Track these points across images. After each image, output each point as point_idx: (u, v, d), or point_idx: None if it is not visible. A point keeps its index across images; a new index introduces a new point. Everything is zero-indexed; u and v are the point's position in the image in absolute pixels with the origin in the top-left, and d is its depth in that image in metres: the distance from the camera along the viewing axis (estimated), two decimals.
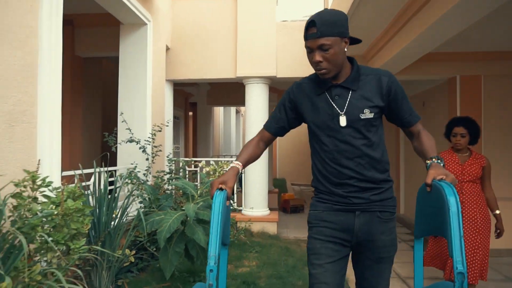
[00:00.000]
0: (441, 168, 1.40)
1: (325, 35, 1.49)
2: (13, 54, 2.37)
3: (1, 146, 2.25)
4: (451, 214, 1.20)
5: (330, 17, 1.51)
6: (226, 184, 1.50)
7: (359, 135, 1.59)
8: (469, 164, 2.95)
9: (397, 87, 1.60)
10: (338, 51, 1.52)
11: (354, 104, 1.58)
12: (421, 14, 3.46)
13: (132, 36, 4.59)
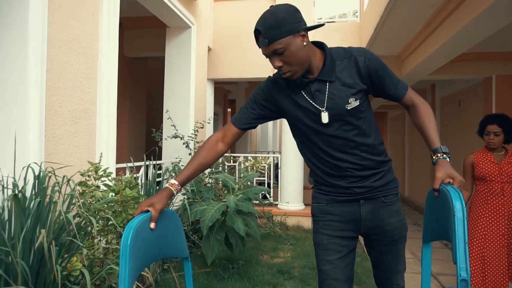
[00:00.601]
0: (448, 167, 1.33)
1: (274, 40, 1.36)
2: (78, 59, 2.69)
3: (67, 140, 2.58)
4: (456, 220, 1.18)
5: (273, 19, 1.37)
6: (154, 206, 1.37)
7: (349, 126, 1.49)
8: (506, 163, 2.80)
9: (376, 63, 1.48)
10: (295, 50, 1.39)
11: (336, 96, 1.47)
12: (455, 16, 3.49)
13: (178, 38, 4.89)
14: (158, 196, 1.39)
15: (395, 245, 1.57)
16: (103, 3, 2.96)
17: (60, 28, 2.50)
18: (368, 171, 1.50)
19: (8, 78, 2.19)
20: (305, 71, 1.45)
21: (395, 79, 1.52)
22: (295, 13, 1.39)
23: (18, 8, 2.20)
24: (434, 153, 1.39)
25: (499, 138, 2.83)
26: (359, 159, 1.49)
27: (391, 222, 1.54)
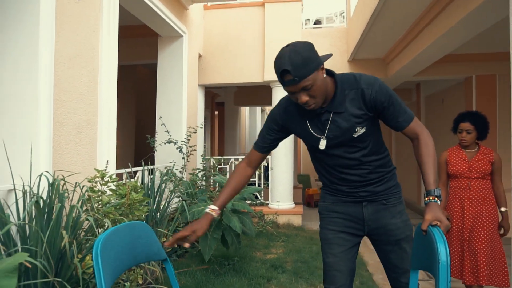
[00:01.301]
0: (437, 211, 1.40)
1: (303, 78, 1.44)
2: (80, 73, 2.87)
3: (72, 149, 2.76)
4: (440, 266, 1.22)
5: (300, 59, 1.44)
6: (196, 233, 1.53)
7: (356, 149, 1.63)
8: (476, 160, 2.87)
9: (382, 96, 1.56)
10: (320, 84, 1.49)
11: (344, 126, 1.59)
12: (436, 22, 3.76)
13: (170, 47, 5.08)
14: (200, 223, 1.57)
15: (400, 244, 1.68)
16: (102, 19, 3.14)
17: (65, 45, 2.68)
18: (371, 180, 1.66)
19: (20, 92, 2.37)
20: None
21: (400, 111, 1.58)
22: (314, 49, 1.49)
23: (29, 26, 2.38)
24: (427, 195, 1.47)
25: (471, 136, 2.88)
26: (364, 173, 1.65)
27: (394, 222, 1.67)
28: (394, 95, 1.59)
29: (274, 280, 3.37)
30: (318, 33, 6.38)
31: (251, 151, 1.80)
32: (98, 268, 1.50)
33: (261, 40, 6.16)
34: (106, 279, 1.52)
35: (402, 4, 3.77)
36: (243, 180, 1.75)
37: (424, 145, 1.56)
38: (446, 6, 3.43)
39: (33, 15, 2.39)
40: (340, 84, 1.58)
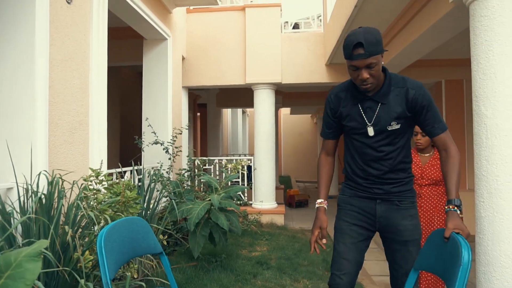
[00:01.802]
0: (457, 220, 1.53)
1: (373, 55, 1.60)
2: (73, 76, 2.95)
3: (66, 149, 2.84)
4: (462, 268, 1.34)
5: (373, 37, 1.61)
6: (322, 226, 1.81)
7: (385, 142, 1.77)
8: (429, 165, 2.79)
9: (424, 100, 1.70)
10: (379, 67, 1.67)
11: (382, 116, 1.74)
12: (406, 30, 4.01)
13: (154, 50, 5.17)
14: (320, 218, 1.84)
15: (407, 245, 1.78)
16: (92, 23, 3.23)
17: (59, 48, 2.76)
18: (388, 180, 1.79)
19: (17, 94, 2.44)
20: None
21: (437, 119, 1.74)
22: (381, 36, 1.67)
23: (26, 31, 2.46)
24: (448, 204, 1.61)
25: (426, 139, 2.77)
26: (385, 170, 1.78)
27: (404, 224, 1.78)
28: (434, 103, 1.75)
29: (259, 275, 3.52)
30: (296, 37, 6.58)
31: (323, 143, 1.99)
32: (102, 259, 1.63)
33: (243, 43, 6.31)
34: (110, 269, 1.65)
35: (375, 12, 4.00)
36: (331, 169, 1.98)
37: (451, 158, 1.70)
38: (415, 15, 3.67)
39: (29, 21, 2.47)
40: (389, 79, 1.74)
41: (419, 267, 1.69)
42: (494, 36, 2.30)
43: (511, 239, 2.22)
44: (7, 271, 1.06)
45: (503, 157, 2.25)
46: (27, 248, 1.14)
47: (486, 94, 2.34)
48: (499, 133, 2.27)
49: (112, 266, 1.67)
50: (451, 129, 5.35)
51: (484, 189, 2.35)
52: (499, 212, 2.26)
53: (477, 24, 2.41)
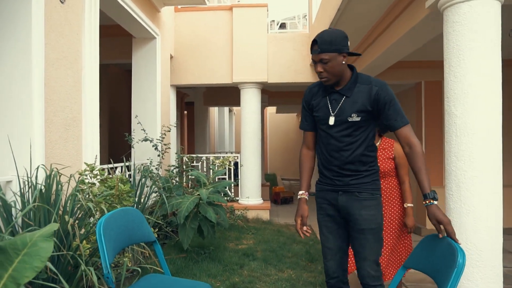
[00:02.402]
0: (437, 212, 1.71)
1: (324, 52, 1.83)
2: (66, 74, 3.05)
3: (61, 145, 2.94)
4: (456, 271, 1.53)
5: (328, 37, 1.84)
6: (303, 215, 1.99)
7: (346, 133, 1.92)
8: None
9: (386, 96, 1.86)
10: (335, 64, 1.85)
11: (345, 108, 1.90)
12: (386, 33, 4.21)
13: (144, 48, 5.26)
14: (301, 207, 2.02)
15: (363, 234, 1.92)
16: (85, 23, 3.32)
17: (53, 47, 2.86)
18: (349, 171, 1.95)
19: (16, 91, 2.54)
20: (335, 83, 1.92)
21: (399, 114, 1.89)
22: (345, 39, 1.87)
23: (23, 31, 2.55)
24: (424, 199, 1.76)
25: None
26: (345, 161, 1.94)
27: (361, 213, 1.92)
28: (396, 100, 1.90)
29: (246, 266, 3.67)
30: (282, 37, 6.74)
31: (304, 136, 2.16)
32: (102, 244, 1.77)
33: (230, 42, 6.45)
34: (109, 255, 1.79)
35: (357, 15, 4.18)
36: (311, 161, 2.14)
37: (416, 154, 1.84)
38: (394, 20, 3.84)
39: (26, 20, 2.56)
40: (355, 77, 1.93)
41: (410, 265, 1.90)
42: (465, 41, 2.49)
43: (476, 228, 2.43)
44: (24, 249, 1.19)
45: (471, 153, 2.46)
46: (41, 229, 1.28)
47: (457, 95, 2.54)
48: (467, 131, 2.48)
49: (110, 252, 1.81)
50: (430, 128, 5.62)
51: (453, 183, 2.55)
52: (465, 203, 2.47)
53: (450, 29, 2.60)
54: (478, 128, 2.44)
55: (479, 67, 2.44)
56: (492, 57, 2.45)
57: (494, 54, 2.45)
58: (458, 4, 2.50)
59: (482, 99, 2.44)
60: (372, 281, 1.95)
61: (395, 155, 2.71)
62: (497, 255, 2.44)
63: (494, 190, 2.43)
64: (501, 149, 2.47)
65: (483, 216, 2.42)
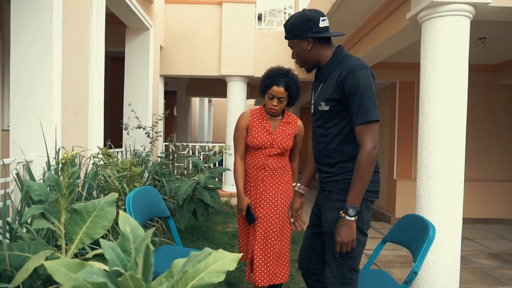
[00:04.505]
0: (342, 228, 1.58)
1: (287, 39, 1.77)
2: (77, 63, 3.25)
3: (71, 129, 3.15)
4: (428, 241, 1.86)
5: (289, 24, 1.73)
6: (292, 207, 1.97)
7: (319, 123, 1.75)
8: (279, 132, 2.43)
9: (351, 84, 1.57)
10: (300, 50, 1.73)
11: (319, 95, 1.75)
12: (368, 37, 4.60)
13: (137, 38, 5.44)
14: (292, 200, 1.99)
15: (327, 236, 1.72)
16: (92, 15, 3.52)
17: (67, 37, 3.05)
18: (323, 167, 1.77)
19: (37, 78, 2.74)
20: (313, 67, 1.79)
21: (361, 108, 1.58)
22: (307, 23, 1.66)
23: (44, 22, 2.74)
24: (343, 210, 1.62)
25: (282, 105, 2.39)
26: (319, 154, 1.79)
27: (327, 215, 1.71)
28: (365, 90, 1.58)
29: (236, 245, 4.01)
30: (269, 34, 7.03)
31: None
32: (131, 215, 2.05)
33: (218, 36, 6.69)
34: None
35: (343, 20, 4.53)
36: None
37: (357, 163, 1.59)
38: (377, 25, 4.23)
39: (48, 12, 2.76)
40: (334, 59, 1.70)
41: (389, 239, 2.23)
42: (439, 50, 2.89)
43: (442, 212, 2.87)
44: (94, 212, 1.48)
45: (439, 148, 2.88)
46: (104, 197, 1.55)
47: (430, 98, 2.94)
48: (437, 129, 2.89)
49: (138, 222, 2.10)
50: (402, 124, 6.10)
51: (423, 173, 2.97)
52: (433, 191, 2.90)
53: (426, 40, 3.00)
54: (447, 126, 2.86)
55: (450, 74, 2.85)
56: (461, 65, 2.86)
57: (462, 62, 2.87)
58: (435, 18, 2.89)
59: (451, 101, 2.85)
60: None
61: (298, 132, 2.53)
62: (457, 234, 2.89)
63: (457, 179, 2.87)
64: (464, 145, 2.91)
65: (448, 200, 2.85)
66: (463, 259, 4.27)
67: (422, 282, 2.95)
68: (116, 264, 0.71)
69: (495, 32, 4.41)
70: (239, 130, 2.47)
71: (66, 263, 0.75)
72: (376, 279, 2.23)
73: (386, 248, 4.56)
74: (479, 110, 6.25)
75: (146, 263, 0.73)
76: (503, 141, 6.34)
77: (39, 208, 1.33)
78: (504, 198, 6.25)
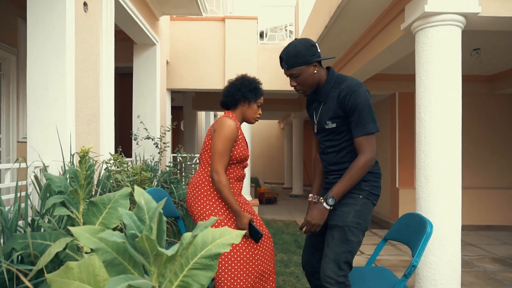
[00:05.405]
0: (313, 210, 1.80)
1: (292, 67, 1.82)
2: (89, 75, 3.43)
3: (84, 138, 3.31)
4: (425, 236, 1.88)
5: (293, 50, 1.79)
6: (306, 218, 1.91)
7: (327, 138, 1.94)
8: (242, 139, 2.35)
9: (351, 101, 1.76)
10: (307, 76, 1.83)
11: (322, 115, 1.90)
12: (365, 50, 4.76)
13: (144, 53, 5.65)
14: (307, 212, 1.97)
15: (331, 229, 1.88)
16: (102, 30, 3.71)
17: (79, 50, 3.24)
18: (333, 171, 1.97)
19: (52, 89, 2.91)
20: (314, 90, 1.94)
21: (361, 122, 1.77)
22: (311, 48, 1.81)
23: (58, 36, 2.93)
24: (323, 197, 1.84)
25: None
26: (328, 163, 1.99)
27: (334, 209, 1.87)
28: (364, 106, 1.76)
29: None
30: (271, 49, 7.24)
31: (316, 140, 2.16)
32: None
33: (222, 51, 6.91)
34: None
35: (342, 32, 4.69)
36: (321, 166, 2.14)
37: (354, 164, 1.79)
38: (373, 38, 4.38)
39: (61, 28, 2.95)
40: (330, 81, 1.88)
41: (389, 237, 2.29)
42: (433, 59, 3.03)
43: (441, 214, 2.96)
44: (109, 204, 1.61)
45: (436, 151, 2.99)
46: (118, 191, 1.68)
47: (425, 104, 3.07)
48: (433, 133, 3.01)
49: None
50: (403, 133, 6.21)
51: (422, 176, 3.08)
52: (432, 193, 3.00)
53: (420, 49, 3.15)
54: (442, 131, 2.98)
55: (444, 80, 2.99)
56: (454, 72, 3.00)
57: (455, 70, 3.01)
58: (427, 28, 3.05)
59: (446, 107, 2.98)
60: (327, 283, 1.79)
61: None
62: (457, 234, 2.98)
63: (454, 181, 2.97)
64: (460, 149, 3.01)
65: (446, 202, 2.95)
66: (466, 264, 4.32)
67: (424, 282, 3.02)
68: (133, 228, 0.84)
69: (489, 42, 4.56)
70: (231, 140, 2.13)
71: (90, 228, 0.88)
72: (377, 275, 2.32)
73: (390, 253, 4.67)
74: (478, 119, 6.36)
75: (160, 229, 0.86)
76: (504, 149, 6.42)
77: (60, 197, 1.46)
78: (506, 205, 6.30)
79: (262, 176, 15.23)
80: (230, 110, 2.33)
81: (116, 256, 0.79)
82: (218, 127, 2.14)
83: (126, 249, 0.80)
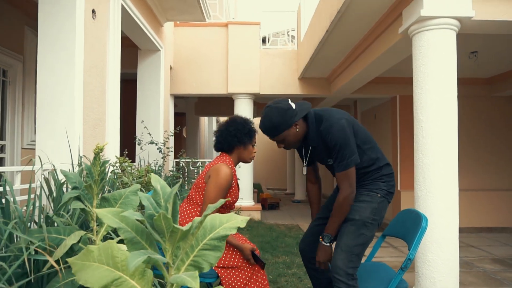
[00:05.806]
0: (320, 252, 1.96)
1: (273, 136, 2.00)
2: (96, 80, 3.54)
3: (90, 141, 3.40)
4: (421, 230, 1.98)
5: (269, 123, 1.95)
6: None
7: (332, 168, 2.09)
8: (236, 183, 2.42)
9: (331, 140, 1.92)
10: (291, 137, 1.99)
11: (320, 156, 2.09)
12: (365, 53, 4.87)
13: (148, 59, 5.77)
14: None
15: (346, 222, 2.01)
16: (109, 37, 3.83)
17: (87, 57, 3.35)
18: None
19: (60, 94, 3.01)
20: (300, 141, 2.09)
21: (339, 159, 1.92)
22: (287, 113, 1.93)
23: (69, 44, 3.04)
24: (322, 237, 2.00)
25: None
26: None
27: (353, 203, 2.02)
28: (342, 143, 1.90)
29: None
30: (273, 54, 7.36)
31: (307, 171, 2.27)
32: None
33: (225, 56, 7.03)
34: None
35: (342, 36, 4.79)
36: (316, 193, 2.32)
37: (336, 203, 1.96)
38: (373, 42, 4.49)
39: (71, 35, 3.06)
40: (312, 126, 2.02)
41: (387, 233, 2.39)
42: (429, 61, 3.13)
43: (439, 212, 3.03)
44: (120, 199, 1.69)
45: (433, 151, 3.07)
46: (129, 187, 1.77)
47: (422, 105, 3.16)
48: (431, 133, 3.09)
49: None
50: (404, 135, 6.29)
51: (420, 175, 3.15)
52: (430, 192, 3.07)
53: (417, 52, 3.24)
54: (439, 130, 3.06)
55: (440, 82, 3.07)
56: (449, 74, 3.08)
57: (451, 71, 3.09)
58: (423, 32, 3.14)
59: (442, 107, 3.06)
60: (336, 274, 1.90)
61: None
62: (454, 232, 3.04)
63: (451, 180, 3.05)
64: (456, 148, 3.09)
65: (444, 200, 3.02)
66: (467, 264, 4.38)
67: (423, 280, 3.09)
68: (151, 209, 0.93)
69: (486, 46, 4.65)
70: (225, 190, 2.14)
71: (112, 210, 0.97)
72: (375, 269, 2.40)
73: (392, 255, 4.73)
74: (477, 121, 6.44)
75: (174, 209, 0.95)
76: (503, 150, 6.48)
77: (76, 192, 1.55)
78: (506, 207, 6.35)
79: (264, 182, 15.30)
80: (226, 152, 2.33)
81: (135, 235, 0.88)
82: (214, 175, 2.14)
83: (143, 229, 0.89)
